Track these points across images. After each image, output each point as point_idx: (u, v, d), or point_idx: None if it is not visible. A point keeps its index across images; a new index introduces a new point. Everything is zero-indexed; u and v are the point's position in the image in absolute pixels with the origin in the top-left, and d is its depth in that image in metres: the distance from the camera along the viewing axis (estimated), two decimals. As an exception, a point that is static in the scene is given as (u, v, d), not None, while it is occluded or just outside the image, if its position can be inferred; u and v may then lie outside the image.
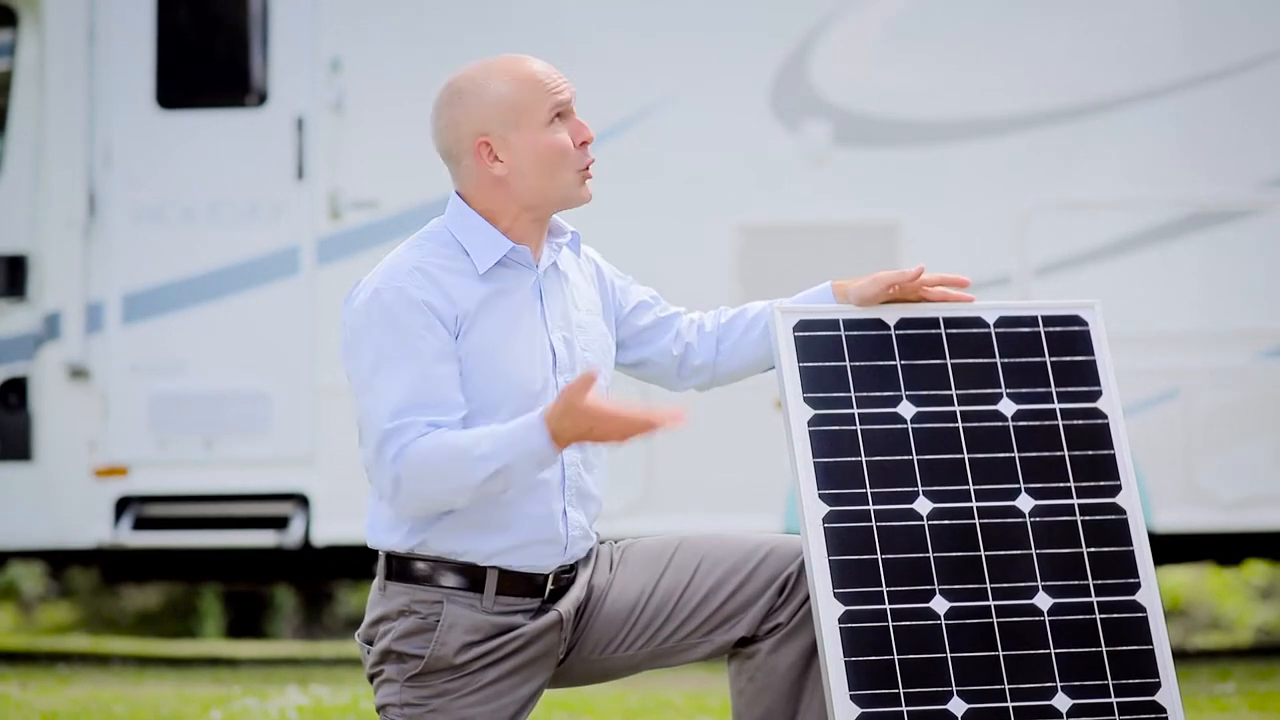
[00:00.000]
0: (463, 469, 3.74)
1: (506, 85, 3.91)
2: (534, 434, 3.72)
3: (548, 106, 3.92)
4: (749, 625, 3.91)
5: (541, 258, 3.97)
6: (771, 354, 4.01)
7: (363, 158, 9.30)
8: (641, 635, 3.97)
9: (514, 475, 3.75)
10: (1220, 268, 9.22)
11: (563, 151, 3.92)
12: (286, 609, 19.41)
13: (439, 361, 3.82)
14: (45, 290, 9.42)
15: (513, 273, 3.93)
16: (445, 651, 3.87)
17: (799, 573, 3.88)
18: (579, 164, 3.94)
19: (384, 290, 3.86)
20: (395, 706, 3.90)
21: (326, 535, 9.27)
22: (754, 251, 9.23)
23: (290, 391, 9.29)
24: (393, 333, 3.84)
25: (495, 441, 3.73)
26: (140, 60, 9.41)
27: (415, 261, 3.89)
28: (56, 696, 7.43)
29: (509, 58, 3.95)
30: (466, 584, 3.89)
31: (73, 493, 9.35)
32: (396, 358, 3.83)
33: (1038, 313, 3.97)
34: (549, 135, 3.92)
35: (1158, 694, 3.76)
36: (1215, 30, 9.27)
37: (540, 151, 3.92)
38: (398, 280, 3.86)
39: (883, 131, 9.28)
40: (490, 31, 9.28)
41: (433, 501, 3.80)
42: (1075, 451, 3.87)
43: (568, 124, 3.94)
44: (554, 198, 3.95)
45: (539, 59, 3.96)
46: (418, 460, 3.76)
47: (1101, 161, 9.29)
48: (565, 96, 3.94)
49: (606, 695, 7.46)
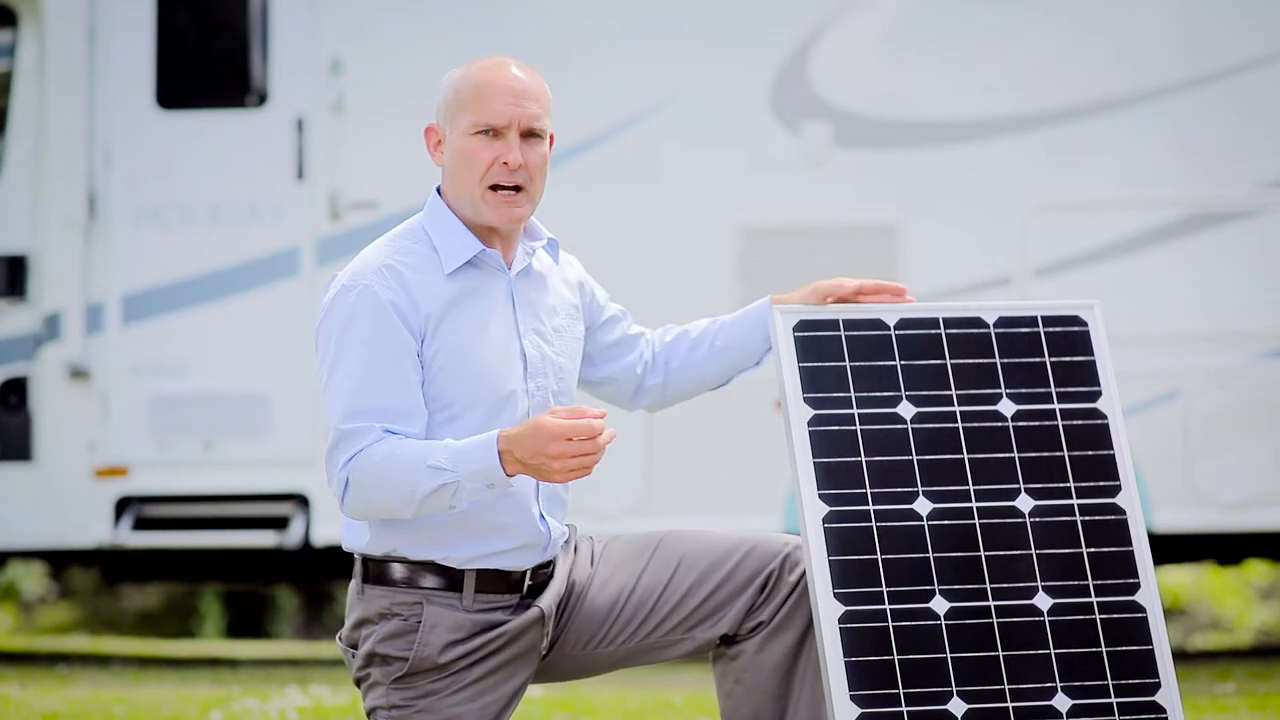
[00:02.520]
0: (410, 479, 3.73)
1: (463, 83, 3.91)
2: (485, 451, 3.72)
3: (477, 117, 3.87)
4: (731, 623, 3.92)
5: (514, 260, 3.96)
6: (719, 372, 4.10)
7: (363, 158, 9.30)
8: (623, 631, 3.97)
9: (462, 492, 3.73)
10: (1220, 268, 9.22)
11: (468, 160, 3.88)
12: (286, 609, 19.41)
13: (398, 364, 3.82)
14: (45, 290, 9.42)
15: (483, 274, 3.92)
16: (429, 652, 3.88)
17: (780, 570, 3.89)
18: (484, 178, 3.87)
19: (351, 288, 3.88)
20: (384, 709, 3.91)
21: (326, 535, 9.27)
22: (754, 252, 9.23)
23: (290, 392, 9.29)
24: (354, 332, 3.84)
25: (448, 454, 3.73)
26: (140, 60, 9.41)
27: (386, 259, 3.89)
28: (56, 697, 7.43)
29: (493, 61, 3.93)
30: (445, 584, 3.90)
31: (73, 493, 9.35)
32: (355, 358, 3.82)
33: (1038, 313, 3.97)
34: (464, 141, 3.89)
35: (1158, 694, 3.76)
36: (1215, 31, 9.27)
37: (452, 153, 3.92)
38: (365, 278, 3.87)
39: (882, 132, 9.28)
40: (490, 32, 9.28)
41: (378, 509, 3.81)
42: (1075, 452, 3.87)
43: (498, 141, 3.87)
44: (465, 207, 3.92)
45: (525, 77, 3.90)
46: (369, 465, 3.76)
47: (1101, 161, 9.29)
48: (499, 121, 3.86)
49: (606, 695, 7.46)
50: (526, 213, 3.92)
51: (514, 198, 3.88)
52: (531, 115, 3.87)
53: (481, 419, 3.85)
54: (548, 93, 3.94)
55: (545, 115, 3.91)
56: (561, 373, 3.98)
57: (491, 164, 3.86)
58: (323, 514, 9.27)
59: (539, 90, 3.91)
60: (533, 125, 3.88)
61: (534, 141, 3.89)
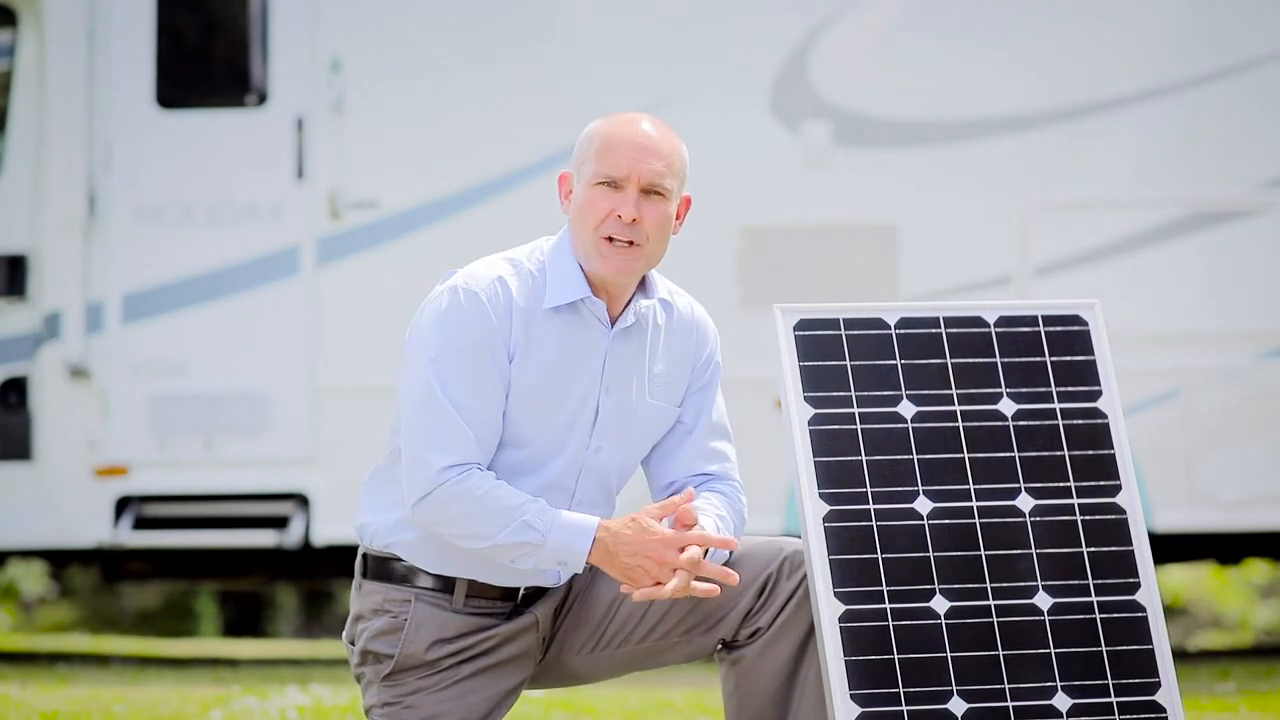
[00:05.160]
0: (500, 523, 3.75)
1: (594, 134, 3.91)
2: (580, 535, 3.74)
3: (599, 168, 3.87)
4: (728, 628, 3.91)
5: (622, 315, 3.94)
6: None
7: (363, 158, 9.29)
8: (619, 634, 3.97)
9: (536, 556, 3.76)
10: (1221, 268, 9.22)
11: (587, 209, 3.88)
12: (286, 609, 19.41)
13: (493, 384, 3.84)
14: (45, 290, 9.41)
15: (583, 320, 3.91)
16: (415, 649, 3.89)
17: (778, 575, 3.88)
18: (599, 229, 3.87)
19: (461, 289, 3.87)
20: (377, 707, 3.94)
21: (326, 535, 9.27)
22: (754, 252, 9.23)
23: (290, 391, 9.29)
24: (464, 342, 3.84)
25: (545, 518, 3.75)
26: (140, 60, 9.41)
27: (504, 271, 3.90)
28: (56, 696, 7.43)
29: (628, 116, 3.92)
30: (438, 585, 3.92)
31: (73, 492, 9.35)
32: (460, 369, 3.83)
33: (1038, 312, 3.97)
34: (586, 191, 3.89)
35: (1158, 694, 3.76)
36: (1216, 30, 9.26)
37: (577, 202, 3.91)
38: (478, 284, 3.87)
39: (882, 132, 9.27)
40: (491, 32, 9.28)
41: (452, 528, 3.81)
42: (1075, 451, 3.87)
43: (616, 193, 3.86)
44: (581, 254, 3.91)
45: (655, 134, 3.89)
46: (470, 489, 3.77)
47: (1101, 161, 9.28)
48: (619, 174, 3.85)
49: (607, 695, 7.46)
50: (639, 268, 3.89)
51: (626, 250, 3.86)
52: (654, 172, 3.86)
53: (528, 458, 3.87)
54: (679, 153, 3.92)
55: (670, 175, 3.88)
56: (627, 439, 3.96)
57: (607, 215, 3.86)
58: (322, 513, 9.27)
59: (667, 149, 3.89)
60: (654, 182, 3.87)
61: (654, 199, 3.87)
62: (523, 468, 3.87)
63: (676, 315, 4.02)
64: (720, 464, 4.03)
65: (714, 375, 4.05)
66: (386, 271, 9.18)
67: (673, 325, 4.01)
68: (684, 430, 4.02)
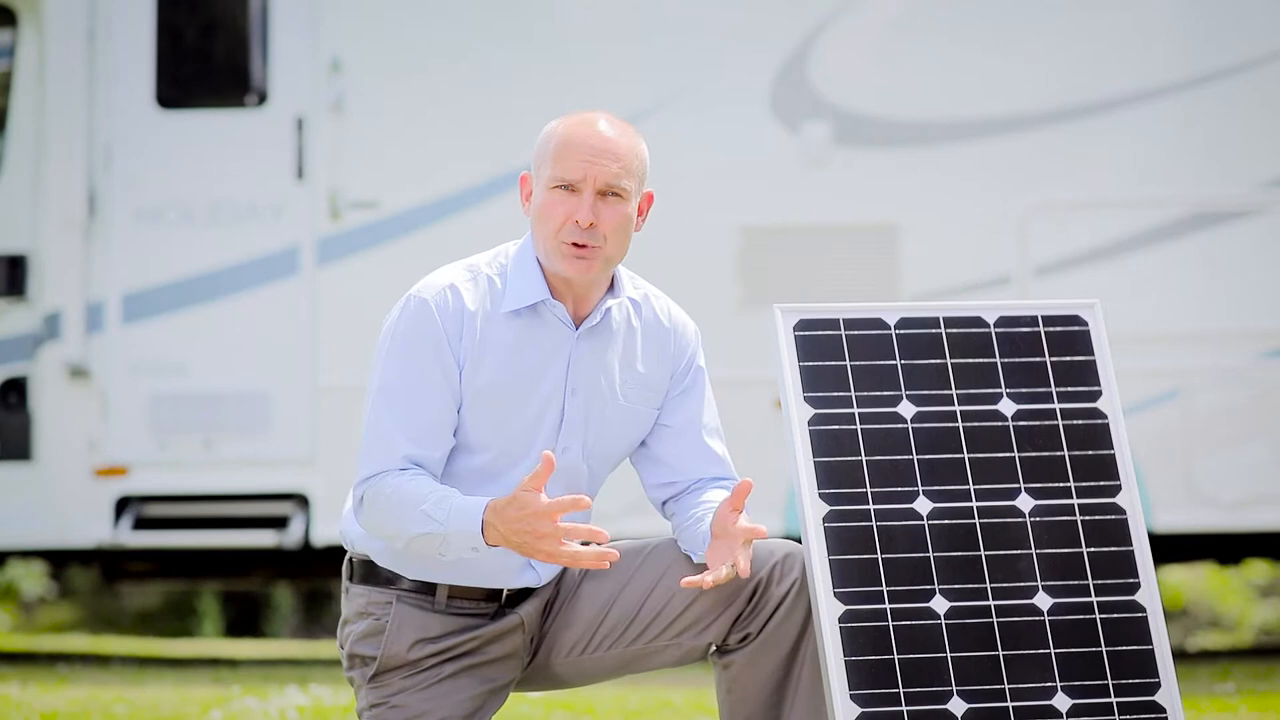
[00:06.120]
0: (408, 517, 3.75)
1: (551, 135, 3.89)
2: (472, 518, 3.71)
3: (555, 171, 3.85)
4: (718, 632, 3.89)
5: (589, 316, 3.92)
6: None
7: (363, 158, 9.29)
8: (609, 636, 3.96)
9: (450, 545, 3.74)
10: (1221, 268, 9.22)
11: (545, 213, 3.86)
12: (286, 609, 19.41)
13: (431, 382, 3.82)
14: (45, 290, 9.41)
15: (543, 323, 3.90)
16: (398, 649, 3.90)
17: (768, 580, 3.85)
18: (559, 234, 3.85)
19: (412, 298, 3.88)
20: (366, 710, 3.95)
21: (326, 535, 9.27)
22: (754, 251, 9.23)
23: (290, 392, 9.29)
24: (400, 343, 3.85)
25: (444, 506, 3.73)
26: (140, 60, 9.41)
27: (458, 277, 3.89)
28: (56, 696, 7.43)
29: (583, 116, 3.88)
30: (420, 587, 3.93)
31: (73, 492, 9.35)
32: (395, 369, 3.84)
33: (1038, 313, 3.97)
34: (544, 194, 3.87)
35: (1158, 694, 3.76)
36: (1215, 30, 9.26)
37: (535, 205, 3.90)
38: (429, 292, 3.87)
39: (882, 132, 9.27)
40: (491, 33, 9.28)
41: (380, 531, 3.84)
42: (1075, 451, 3.87)
43: (573, 197, 3.84)
44: (542, 257, 3.90)
45: (612, 134, 3.85)
46: (380, 492, 3.79)
47: (1101, 161, 9.28)
48: (574, 177, 3.83)
49: (607, 695, 7.46)
50: (598, 269, 3.87)
51: (585, 253, 3.84)
52: (610, 174, 3.83)
53: (491, 459, 3.86)
54: (637, 151, 3.88)
55: (627, 175, 3.85)
56: (598, 441, 3.94)
57: (565, 220, 3.84)
58: (322, 513, 9.27)
59: (624, 149, 3.85)
60: (611, 184, 3.84)
61: (612, 200, 3.85)
62: (486, 472, 3.87)
63: (652, 317, 4.00)
64: (719, 465, 4.03)
65: (696, 377, 4.03)
66: (386, 271, 9.18)
67: (648, 327, 4.00)
68: (673, 433, 4.01)
